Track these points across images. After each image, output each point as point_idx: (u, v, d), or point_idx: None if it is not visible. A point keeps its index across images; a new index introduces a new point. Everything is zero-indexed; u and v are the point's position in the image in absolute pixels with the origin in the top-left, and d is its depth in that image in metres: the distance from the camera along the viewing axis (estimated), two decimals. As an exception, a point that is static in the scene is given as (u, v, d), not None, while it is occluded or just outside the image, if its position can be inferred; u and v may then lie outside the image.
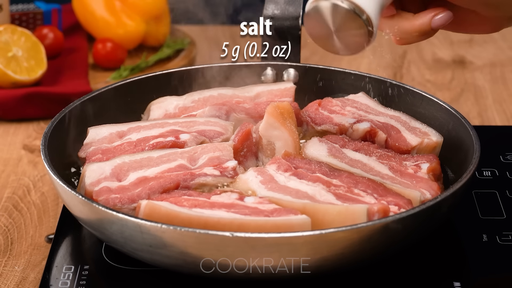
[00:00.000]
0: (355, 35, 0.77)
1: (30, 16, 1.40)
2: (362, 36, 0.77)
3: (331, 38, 0.78)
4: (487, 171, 1.00)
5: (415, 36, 0.80)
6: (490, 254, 0.85)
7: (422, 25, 0.79)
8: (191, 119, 0.96)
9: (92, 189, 0.83)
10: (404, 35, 0.80)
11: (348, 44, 0.79)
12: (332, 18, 0.77)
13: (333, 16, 0.76)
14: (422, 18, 0.79)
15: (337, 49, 0.79)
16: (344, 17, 0.76)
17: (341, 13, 0.76)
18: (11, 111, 1.20)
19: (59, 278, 0.81)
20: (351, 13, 0.76)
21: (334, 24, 0.77)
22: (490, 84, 1.34)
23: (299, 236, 0.73)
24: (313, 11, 0.77)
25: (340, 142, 0.92)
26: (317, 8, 0.77)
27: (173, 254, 0.76)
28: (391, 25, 0.80)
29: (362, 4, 0.76)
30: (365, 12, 0.75)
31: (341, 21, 0.77)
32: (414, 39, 0.81)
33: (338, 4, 0.76)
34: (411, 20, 0.80)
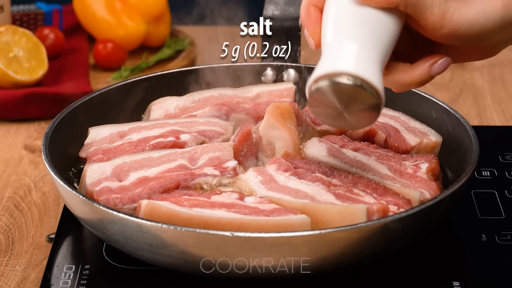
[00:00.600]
0: (365, 108, 0.72)
1: (31, 17, 1.40)
2: (372, 107, 0.71)
3: (341, 116, 0.73)
4: (486, 171, 1.00)
5: (415, 85, 0.76)
6: (489, 254, 0.85)
7: (421, 75, 0.75)
8: (192, 119, 0.97)
9: (93, 189, 0.83)
10: (404, 87, 0.77)
11: (359, 118, 0.73)
12: (337, 97, 0.71)
13: (338, 94, 0.71)
14: (420, 68, 0.75)
15: (349, 125, 0.74)
16: (350, 94, 0.71)
17: (346, 90, 0.70)
18: (12, 111, 1.21)
19: (60, 277, 0.82)
20: (357, 88, 0.70)
21: (341, 102, 0.72)
22: (489, 84, 1.34)
23: (298, 236, 0.73)
24: (317, 94, 0.71)
25: (340, 142, 0.92)
26: (320, 90, 0.71)
27: (174, 253, 0.76)
28: (391, 80, 0.76)
29: (366, 76, 0.69)
30: (370, 84, 0.70)
31: (348, 98, 0.71)
32: (413, 87, 0.77)
33: (341, 82, 0.70)
34: (410, 72, 0.75)
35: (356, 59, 0.70)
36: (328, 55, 0.71)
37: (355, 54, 0.70)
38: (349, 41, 0.71)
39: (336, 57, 0.70)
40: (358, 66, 0.70)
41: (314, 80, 0.71)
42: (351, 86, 0.70)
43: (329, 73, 0.70)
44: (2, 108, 1.20)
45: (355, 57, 0.70)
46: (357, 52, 0.70)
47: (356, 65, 0.70)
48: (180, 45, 1.40)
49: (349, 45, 0.70)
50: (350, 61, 0.70)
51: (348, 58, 0.70)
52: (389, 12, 0.73)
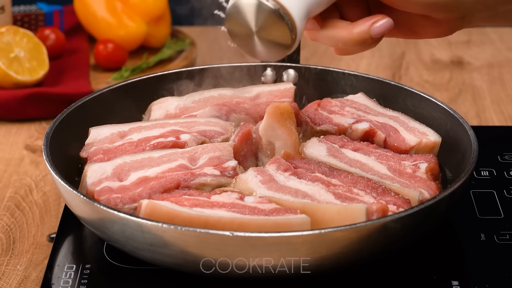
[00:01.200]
0: (277, 39, 0.72)
1: (32, 17, 1.41)
2: (284, 41, 0.72)
3: (252, 40, 0.74)
4: (485, 171, 1.00)
5: (355, 46, 0.75)
6: (488, 253, 0.86)
7: (360, 33, 0.73)
8: (192, 119, 0.97)
9: (93, 189, 0.83)
10: (343, 45, 0.75)
11: (269, 48, 0.74)
12: (254, 17, 0.72)
13: (256, 15, 0.72)
14: (360, 26, 0.73)
15: (255, 52, 0.75)
16: (267, 17, 0.71)
17: (264, 12, 0.71)
18: (13, 112, 1.21)
19: (61, 277, 0.82)
20: (275, 14, 0.71)
21: (256, 23, 0.72)
22: (488, 84, 1.34)
23: (298, 235, 0.73)
24: (235, 8, 0.72)
25: (339, 142, 0.93)
26: (239, 4, 0.72)
27: (174, 253, 0.76)
28: (328, 35, 0.75)
29: (287, 6, 0.71)
30: (289, 15, 0.71)
31: (263, 22, 0.72)
32: (354, 50, 0.76)
33: (262, 1, 0.71)
34: (349, 29, 0.74)
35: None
36: None
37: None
38: None
39: None
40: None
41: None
42: (270, 9, 0.71)
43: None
44: (3, 108, 1.20)
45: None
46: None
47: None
48: (180, 46, 1.40)
49: None
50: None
51: None
52: None
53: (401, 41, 1.51)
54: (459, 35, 1.53)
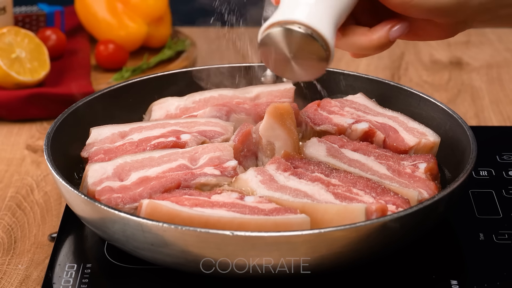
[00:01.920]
0: (313, 59, 0.74)
1: (33, 18, 1.41)
2: (320, 60, 0.74)
3: (289, 65, 0.75)
4: (483, 171, 1.01)
5: (374, 50, 0.78)
6: (486, 253, 0.86)
7: (380, 38, 0.77)
8: (192, 119, 0.97)
9: (94, 189, 0.84)
10: (363, 50, 0.78)
11: (307, 69, 0.75)
12: (287, 44, 0.73)
13: (289, 42, 0.73)
14: (379, 31, 0.77)
15: (296, 76, 0.76)
16: (300, 42, 0.73)
17: (296, 38, 0.73)
18: (15, 112, 1.21)
19: (62, 276, 0.82)
20: (307, 38, 0.72)
21: (290, 50, 0.74)
22: (487, 85, 1.35)
23: (298, 235, 0.74)
24: (268, 39, 0.73)
25: (339, 142, 0.93)
26: (271, 35, 0.73)
27: (174, 252, 0.76)
28: (349, 43, 0.78)
29: (317, 27, 0.72)
30: (321, 35, 0.72)
31: (297, 47, 0.73)
32: (372, 52, 0.79)
33: (293, 29, 0.72)
34: (368, 35, 0.77)
35: (310, 10, 0.73)
36: (284, 6, 0.74)
37: (310, 6, 0.73)
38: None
39: (291, 8, 0.73)
40: (311, 17, 0.72)
41: (267, 26, 0.73)
42: (302, 34, 0.72)
43: (283, 20, 0.73)
44: (4, 109, 1.21)
45: (309, 9, 0.73)
46: (312, 4, 0.73)
47: (309, 16, 0.73)
48: (180, 46, 1.41)
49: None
50: (304, 11, 0.73)
51: (302, 9, 0.73)
52: None
53: (400, 42, 1.51)
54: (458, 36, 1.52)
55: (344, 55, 1.45)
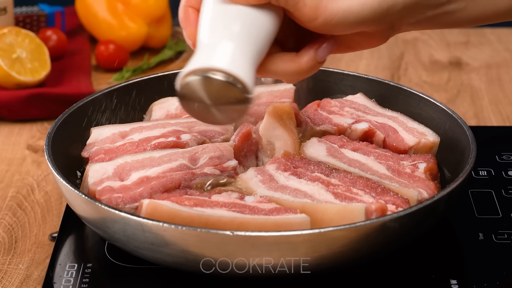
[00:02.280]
0: (233, 104, 0.72)
1: (34, 19, 1.41)
2: (240, 104, 0.72)
3: (210, 111, 0.73)
4: (483, 171, 1.01)
5: (305, 74, 0.76)
6: (486, 252, 0.86)
7: (308, 62, 0.74)
8: (192, 119, 0.97)
9: (95, 189, 0.84)
10: (294, 76, 0.76)
11: (227, 114, 0.74)
12: (206, 92, 0.72)
13: (208, 89, 0.71)
14: (306, 55, 0.74)
15: (217, 120, 0.74)
16: (219, 89, 0.71)
17: (215, 85, 0.71)
18: (15, 112, 1.21)
19: (63, 276, 0.82)
20: (226, 84, 0.71)
21: (210, 97, 0.72)
22: (486, 85, 1.35)
23: (298, 235, 0.74)
24: (187, 88, 0.72)
25: (339, 142, 0.93)
26: (189, 84, 0.71)
27: (175, 252, 0.77)
28: (278, 72, 0.75)
29: (236, 73, 0.70)
30: (240, 80, 0.71)
31: (217, 94, 0.71)
32: (303, 76, 0.76)
33: (211, 77, 0.70)
34: (296, 61, 0.74)
35: (227, 56, 0.71)
36: (201, 52, 0.72)
37: (227, 51, 0.71)
38: (223, 39, 0.72)
39: (208, 54, 0.72)
40: (229, 63, 0.71)
41: (185, 74, 0.72)
42: (221, 81, 0.70)
43: (201, 68, 0.71)
44: (5, 109, 1.21)
45: (226, 54, 0.71)
46: (229, 49, 0.71)
47: (227, 62, 0.71)
48: (181, 47, 1.41)
49: (222, 43, 0.72)
50: (221, 58, 0.71)
51: (220, 55, 0.71)
52: (262, 8, 0.74)
53: (400, 42, 1.51)
54: (458, 37, 1.54)
55: (343, 55, 1.45)
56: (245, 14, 0.73)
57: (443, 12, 0.74)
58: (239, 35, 0.72)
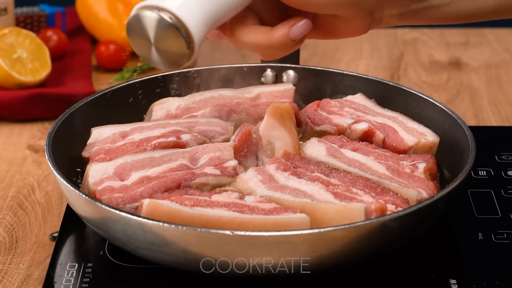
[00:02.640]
0: (174, 51, 0.72)
1: (34, 19, 1.41)
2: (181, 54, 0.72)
3: (150, 50, 0.73)
4: (482, 171, 1.01)
5: (277, 50, 0.75)
6: (485, 252, 0.86)
7: (280, 37, 0.74)
8: (193, 119, 0.97)
9: (95, 188, 0.84)
10: (265, 50, 0.75)
11: (166, 59, 0.73)
12: (152, 30, 0.71)
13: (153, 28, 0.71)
14: (279, 31, 0.74)
15: (154, 62, 0.74)
16: (163, 31, 0.71)
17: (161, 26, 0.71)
18: (16, 112, 1.21)
19: (63, 275, 0.82)
20: (171, 28, 0.70)
21: (154, 36, 0.72)
22: (486, 85, 1.35)
23: (298, 234, 0.74)
24: (135, 20, 0.72)
25: (339, 142, 0.93)
26: (138, 17, 0.71)
27: (175, 252, 0.77)
28: (250, 42, 0.75)
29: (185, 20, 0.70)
30: (188, 29, 0.70)
31: (161, 35, 0.71)
32: (278, 54, 0.76)
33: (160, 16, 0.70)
34: (269, 34, 0.74)
35: (182, 2, 0.71)
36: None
37: None
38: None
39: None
40: (179, 7, 0.71)
41: (137, 7, 0.72)
42: (166, 22, 0.70)
43: (154, 5, 0.71)
44: (6, 109, 1.21)
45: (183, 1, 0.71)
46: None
47: (178, 6, 0.71)
48: (181, 47, 1.41)
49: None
50: (175, 1, 0.71)
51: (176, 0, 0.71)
52: None
53: (400, 43, 1.51)
54: (457, 37, 1.54)
55: (343, 56, 1.45)
56: None
57: (427, 6, 0.73)
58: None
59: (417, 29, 1.55)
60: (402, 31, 1.54)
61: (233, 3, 0.74)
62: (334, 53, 1.46)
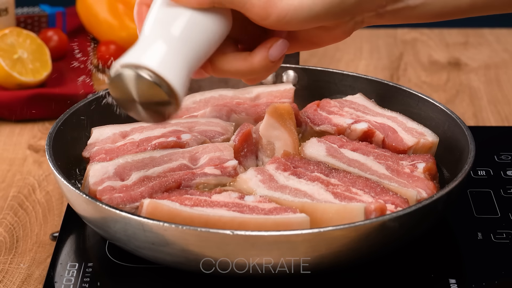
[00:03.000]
0: (158, 107, 0.72)
1: (35, 19, 1.41)
2: (166, 108, 0.72)
3: (135, 106, 0.73)
4: (482, 171, 1.01)
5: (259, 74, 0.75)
6: (484, 252, 0.86)
7: (260, 61, 0.73)
8: (193, 119, 0.98)
9: (95, 188, 0.84)
10: (248, 76, 0.75)
11: (152, 114, 0.73)
12: (134, 88, 0.71)
13: (135, 86, 0.71)
14: (258, 55, 0.73)
15: (141, 117, 0.74)
16: (146, 89, 0.71)
17: (143, 84, 0.71)
18: (17, 112, 1.21)
19: (64, 275, 0.82)
20: (153, 85, 0.70)
21: (137, 94, 0.72)
22: (485, 85, 1.35)
23: (298, 234, 0.74)
24: (116, 79, 0.72)
25: (338, 142, 0.93)
26: (120, 76, 0.71)
27: (175, 251, 0.77)
28: (231, 71, 0.75)
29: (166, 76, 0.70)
30: (169, 84, 0.70)
31: (144, 92, 0.71)
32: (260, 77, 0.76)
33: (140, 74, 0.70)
34: (249, 60, 0.73)
35: (158, 56, 0.71)
36: (139, 47, 0.72)
37: (160, 52, 0.71)
38: (159, 39, 0.72)
39: (144, 51, 0.71)
40: (159, 64, 0.70)
41: (118, 65, 0.72)
42: (147, 80, 0.70)
43: (133, 64, 0.71)
44: (6, 109, 1.21)
45: (158, 55, 0.71)
46: (162, 50, 0.71)
47: (157, 62, 0.70)
48: (181, 47, 1.41)
49: (158, 43, 0.72)
50: (153, 57, 0.71)
51: (152, 54, 0.71)
52: (208, 10, 0.73)
53: (399, 43, 1.52)
54: (456, 37, 1.54)
55: (343, 56, 1.46)
56: (188, 16, 0.72)
57: (403, 7, 0.73)
58: (176, 37, 0.72)
59: (417, 30, 1.55)
60: (402, 32, 1.54)
61: (211, 44, 0.73)
62: (333, 53, 1.46)
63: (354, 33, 0.78)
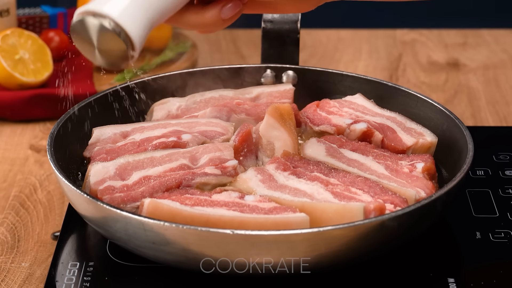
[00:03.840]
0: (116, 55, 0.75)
1: (36, 20, 1.41)
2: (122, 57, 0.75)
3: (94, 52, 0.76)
4: (480, 171, 1.01)
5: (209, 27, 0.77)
6: (483, 251, 0.87)
7: (212, 17, 0.76)
8: (193, 120, 0.98)
9: (96, 188, 0.84)
10: (198, 28, 0.78)
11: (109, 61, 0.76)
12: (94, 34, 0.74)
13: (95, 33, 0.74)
14: (211, 11, 0.76)
15: (99, 63, 0.77)
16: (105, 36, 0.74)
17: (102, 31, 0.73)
18: (18, 112, 1.22)
19: (65, 274, 0.83)
20: (112, 34, 0.73)
21: (96, 40, 0.74)
22: (483, 86, 1.35)
23: (297, 234, 0.74)
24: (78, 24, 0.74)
25: (338, 142, 0.94)
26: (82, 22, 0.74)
27: (175, 251, 0.77)
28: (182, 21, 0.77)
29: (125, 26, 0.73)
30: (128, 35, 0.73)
31: (103, 39, 0.74)
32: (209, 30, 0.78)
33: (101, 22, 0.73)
34: (201, 14, 0.76)
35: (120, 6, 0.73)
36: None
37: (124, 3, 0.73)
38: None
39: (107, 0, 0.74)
40: (119, 13, 0.73)
41: (80, 12, 0.74)
42: (105, 28, 0.73)
43: (95, 11, 0.73)
44: (8, 109, 1.21)
45: (122, 6, 0.73)
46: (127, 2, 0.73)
47: (118, 11, 0.73)
48: (182, 48, 1.41)
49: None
50: (116, 7, 0.73)
51: (116, 4, 0.73)
52: None
53: (398, 44, 1.52)
54: (455, 37, 1.54)
55: (342, 56, 1.46)
56: None
57: None
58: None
59: (416, 30, 1.56)
60: (401, 32, 1.55)
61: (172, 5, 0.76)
62: (333, 53, 1.46)
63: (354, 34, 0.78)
